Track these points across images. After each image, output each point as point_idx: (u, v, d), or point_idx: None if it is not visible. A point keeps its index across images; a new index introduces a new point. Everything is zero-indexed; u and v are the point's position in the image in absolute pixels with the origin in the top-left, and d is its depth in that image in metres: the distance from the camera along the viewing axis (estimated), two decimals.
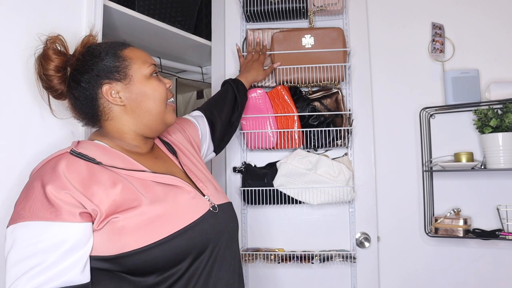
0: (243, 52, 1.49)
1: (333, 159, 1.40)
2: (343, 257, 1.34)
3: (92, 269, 0.68)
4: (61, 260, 0.62)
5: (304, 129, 1.39)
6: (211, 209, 0.79)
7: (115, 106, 0.78)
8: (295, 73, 1.39)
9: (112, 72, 0.77)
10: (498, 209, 1.30)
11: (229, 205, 0.87)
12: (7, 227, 0.65)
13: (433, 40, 1.41)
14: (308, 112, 1.39)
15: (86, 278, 0.66)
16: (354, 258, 1.35)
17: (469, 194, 1.35)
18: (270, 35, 1.44)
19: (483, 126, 1.27)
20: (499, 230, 1.27)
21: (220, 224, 0.79)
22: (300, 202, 1.38)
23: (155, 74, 0.82)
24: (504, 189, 1.31)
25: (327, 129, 1.38)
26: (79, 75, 0.77)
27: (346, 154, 1.42)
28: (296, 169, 1.37)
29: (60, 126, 0.90)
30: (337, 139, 1.38)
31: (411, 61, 1.45)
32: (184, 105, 2.13)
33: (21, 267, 0.61)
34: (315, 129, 1.38)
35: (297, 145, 1.39)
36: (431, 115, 1.41)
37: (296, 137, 1.38)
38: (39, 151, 0.85)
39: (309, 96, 1.43)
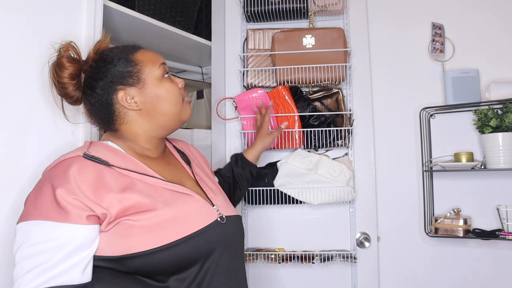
0: (243, 52, 1.49)
1: (333, 159, 1.41)
2: (343, 257, 1.34)
3: (99, 268, 0.69)
4: (65, 260, 0.64)
5: (305, 129, 1.39)
6: (218, 219, 0.79)
7: (131, 110, 0.80)
8: (296, 73, 1.39)
9: (125, 77, 0.79)
10: (498, 209, 1.30)
11: (237, 218, 0.87)
12: (18, 223, 0.66)
13: (433, 40, 1.41)
14: (309, 112, 1.39)
15: (86, 278, 0.67)
16: (355, 258, 1.35)
17: (469, 194, 1.35)
18: (271, 35, 1.44)
19: (483, 126, 1.27)
20: (499, 230, 1.28)
21: (226, 235, 0.79)
22: (300, 202, 1.38)
23: (166, 75, 0.83)
24: (504, 189, 1.32)
25: (327, 129, 1.38)
26: (94, 82, 0.79)
27: (346, 154, 1.42)
28: (297, 169, 1.37)
29: (63, 127, 0.90)
30: (337, 139, 1.39)
31: (411, 61, 1.45)
32: None
33: (28, 263, 0.63)
34: (316, 129, 1.38)
35: (297, 145, 1.39)
36: (431, 115, 1.41)
37: (297, 137, 1.38)
38: (42, 152, 0.85)
39: (309, 96, 1.43)
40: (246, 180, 1.20)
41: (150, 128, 0.82)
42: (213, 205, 0.82)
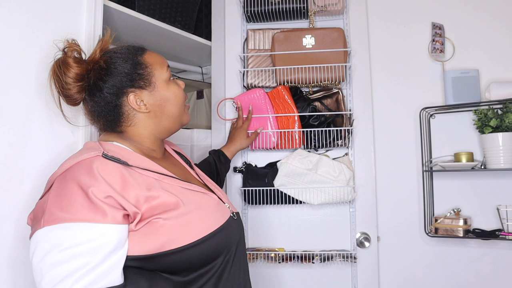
0: (243, 52, 1.49)
1: (333, 159, 1.41)
2: (343, 257, 1.34)
3: (126, 268, 0.69)
4: (105, 261, 0.63)
5: (305, 129, 1.39)
6: (231, 215, 0.84)
7: (139, 113, 0.80)
8: (296, 73, 1.39)
9: (136, 80, 0.78)
10: (498, 209, 1.30)
11: (238, 214, 0.91)
12: (40, 228, 0.62)
13: (433, 40, 1.41)
14: (309, 112, 1.39)
15: (123, 278, 0.67)
16: (355, 258, 1.35)
17: (469, 194, 1.36)
18: (271, 35, 1.44)
19: (483, 126, 1.27)
20: (499, 230, 1.28)
21: (238, 229, 0.85)
22: (300, 202, 1.38)
23: (172, 78, 0.85)
24: (504, 189, 1.32)
25: (327, 129, 1.38)
26: (103, 83, 0.77)
27: (346, 154, 1.42)
28: (297, 169, 1.37)
29: (63, 128, 0.90)
30: (337, 139, 1.39)
31: (411, 61, 1.45)
32: None
33: (63, 269, 0.60)
34: (316, 129, 1.38)
35: (297, 145, 1.39)
36: (431, 115, 1.41)
37: (297, 137, 1.38)
38: (43, 153, 0.85)
39: (309, 96, 1.43)
40: (225, 174, 1.28)
41: (156, 130, 0.82)
42: (224, 203, 0.85)
